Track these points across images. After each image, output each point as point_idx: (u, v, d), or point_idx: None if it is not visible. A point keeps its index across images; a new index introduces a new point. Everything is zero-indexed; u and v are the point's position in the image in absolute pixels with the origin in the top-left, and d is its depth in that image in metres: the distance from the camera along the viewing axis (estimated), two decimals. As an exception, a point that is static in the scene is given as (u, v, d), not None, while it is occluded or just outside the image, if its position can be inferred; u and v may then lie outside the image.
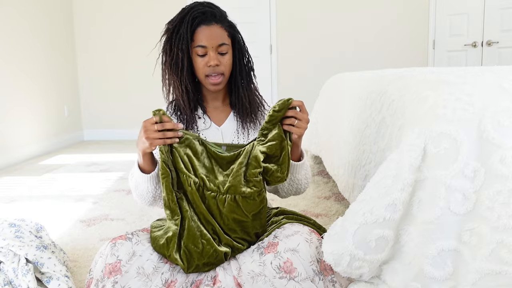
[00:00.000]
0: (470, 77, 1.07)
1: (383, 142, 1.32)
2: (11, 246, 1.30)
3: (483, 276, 0.92)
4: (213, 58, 1.19)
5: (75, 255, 1.68)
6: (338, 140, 2.00)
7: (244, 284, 1.04)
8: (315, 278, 1.04)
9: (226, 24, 1.22)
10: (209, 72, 1.21)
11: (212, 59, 1.19)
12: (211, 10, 1.20)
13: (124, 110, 5.06)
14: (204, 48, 1.19)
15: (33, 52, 4.14)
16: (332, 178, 2.68)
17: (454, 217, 0.96)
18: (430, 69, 1.55)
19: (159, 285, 1.05)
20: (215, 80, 1.22)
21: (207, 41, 1.18)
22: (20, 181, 3.07)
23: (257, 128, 1.31)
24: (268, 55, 4.88)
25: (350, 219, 1.03)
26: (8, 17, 3.75)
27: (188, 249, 1.09)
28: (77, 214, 2.24)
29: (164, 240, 1.10)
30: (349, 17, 4.74)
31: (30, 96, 4.06)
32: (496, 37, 4.21)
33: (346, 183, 1.76)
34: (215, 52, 1.20)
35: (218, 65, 1.20)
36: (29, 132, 4.03)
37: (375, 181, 1.03)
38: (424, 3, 4.62)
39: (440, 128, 0.98)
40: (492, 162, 0.92)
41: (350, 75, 2.34)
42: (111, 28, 4.92)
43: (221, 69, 1.22)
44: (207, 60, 1.20)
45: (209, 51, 1.19)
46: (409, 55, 4.72)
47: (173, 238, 1.09)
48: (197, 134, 1.19)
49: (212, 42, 1.19)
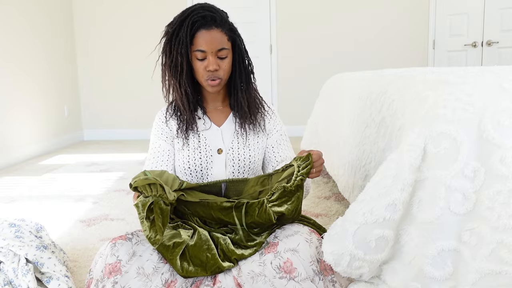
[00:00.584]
0: (470, 77, 1.07)
1: (383, 142, 1.32)
2: (11, 246, 1.30)
3: (483, 276, 0.92)
4: (212, 63, 1.19)
5: (75, 255, 1.68)
6: (338, 140, 2.00)
7: (244, 284, 1.04)
8: (315, 278, 1.04)
9: (227, 28, 1.21)
10: (208, 76, 1.21)
11: (211, 63, 1.19)
12: (211, 14, 1.18)
13: (124, 110, 5.06)
14: (203, 53, 1.19)
15: (33, 52, 4.14)
16: (332, 178, 2.68)
17: (454, 217, 0.96)
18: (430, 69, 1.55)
19: (159, 285, 1.05)
20: (212, 83, 1.22)
21: (206, 46, 1.18)
22: (20, 181, 3.07)
23: (257, 129, 1.31)
24: (268, 55, 4.88)
25: (350, 219, 1.03)
26: (8, 16, 3.74)
27: (192, 260, 1.08)
28: (77, 214, 2.24)
29: (172, 243, 1.10)
30: (349, 17, 4.74)
31: (30, 96, 4.06)
32: (496, 37, 4.21)
33: (346, 183, 1.76)
34: (215, 56, 1.19)
35: (217, 70, 1.20)
36: (29, 132, 4.02)
37: (375, 181, 1.03)
38: (424, 3, 4.62)
39: (440, 128, 0.98)
40: (492, 162, 0.92)
41: (350, 75, 2.34)
42: (111, 28, 4.92)
43: (220, 74, 1.21)
44: (206, 64, 1.20)
45: (208, 55, 1.19)
46: (409, 55, 4.72)
47: (181, 245, 1.09)
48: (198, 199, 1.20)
49: (212, 47, 1.18)
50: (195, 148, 1.27)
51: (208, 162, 1.27)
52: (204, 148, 1.27)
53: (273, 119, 1.37)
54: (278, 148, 1.35)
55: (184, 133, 1.28)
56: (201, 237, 1.12)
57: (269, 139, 1.35)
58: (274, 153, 1.34)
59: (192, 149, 1.27)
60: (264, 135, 1.33)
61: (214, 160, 1.27)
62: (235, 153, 1.28)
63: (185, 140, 1.28)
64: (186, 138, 1.28)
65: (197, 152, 1.27)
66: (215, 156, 1.27)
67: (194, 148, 1.27)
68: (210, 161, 1.27)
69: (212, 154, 1.28)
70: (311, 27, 4.79)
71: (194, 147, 1.27)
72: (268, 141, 1.35)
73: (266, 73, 4.89)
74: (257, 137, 1.32)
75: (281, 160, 1.34)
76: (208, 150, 1.27)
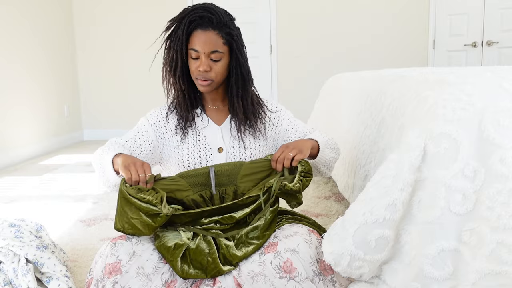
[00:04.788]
0: (470, 77, 1.07)
1: (383, 142, 1.32)
2: (11, 246, 1.30)
3: (483, 276, 0.92)
4: (203, 64, 1.19)
5: (75, 255, 1.68)
6: (338, 140, 2.00)
7: (244, 284, 1.04)
8: (315, 278, 1.04)
9: (224, 31, 1.19)
10: (199, 76, 1.21)
11: (202, 64, 1.19)
12: (209, 15, 1.18)
13: (124, 110, 5.05)
14: (197, 52, 1.19)
15: (34, 52, 4.13)
16: (332, 178, 2.68)
17: (454, 217, 0.96)
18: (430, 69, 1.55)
19: (159, 285, 1.05)
20: (202, 83, 1.22)
21: (200, 46, 1.18)
22: (20, 181, 3.07)
23: (256, 134, 1.30)
24: (268, 55, 4.87)
25: (350, 219, 1.03)
26: (9, 16, 3.74)
27: (192, 263, 1.08)
28: (77, 214, 2.24)
29: (173, 244, 1.10)
30: (349, 17, 4.74)
31: (30, 96, 4.06)
32: (496, 37, 4.21)
33: (346, 183, 1.76)
34: (207, 58, 1.19)
35: (208, 71, 1.20)
36: (29, 132, 4.02)
37: (375, 181, 1.03)
38: (424, 3, 4.62)
39: (440, 128, 0.98)
40: (492, 162, 0.92)
41: (350, 75, 2.34)
42: (111, 28, 4.92)
43: (211, 76, 1.21)
44: (198, 64, 1.20)
45: (201, 55, 1.19)
46: (409, 55, 4.72)
47: (182, 247, 1.09)
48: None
49: (205, 48, 1.18)
50: (194, 146, 1.27)
51: (208, 161, 1.27)
52: (203, 146, 1.27)
53: (273, 117, 1.36)
54: (293, 131, 1.37)
55: (182, 129, 1.28)
56: (203, 240, 1.12)
57: (280, 132, 1.36)
58: (291, 138, 1.36)
59: (192, 147, 1.27)
60: (264, 139, 1.33)
61: (214, 159, 1.27)
62: (236, 152, 1.28)
63: (183, 136, 1.28)
64: (184, 135, 1.28)
65: (196, 150, 1.27)
66: (215, 155, 1.27)
67: (193, 145, 1.27)
68: (210, 160, 1.27)
69: (212, 153, 1.27)
70: (311, 27, 4.79)
71: (193, 145, 1.27)
72: (280, 134, 1.36)
73: (266, 73, 4.89)
74: (258, 141, 1.31)
75: (304, 136, 1.37)
76: (208, 149, 1.27)
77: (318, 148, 1.30)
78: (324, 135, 1.36)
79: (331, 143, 1.35)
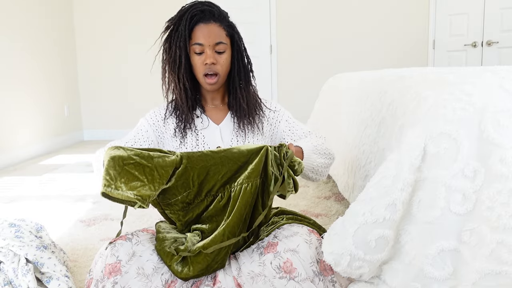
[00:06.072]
0: (470, 77, 1.07)
1: (383, 142, 1.32)
2: (11, 246, 1.30)
3: (483, 276, 0.92)
4: (209, 56, 1.19)
5: (75, 255, 1.68)
6: (338, 140, 2.00)
7: (244, 285, 1.04)
8: (315, 279, 1.04)
9: (225, 23, 1.22)
10: (206, 70, 1.21)
11: (208, 57, 1.19)
12: (209, 8, 1.21)
13: (124, 110, 5.06)
14: (201, 46, 1.20)
15: (33, 52, 4.13)
16: (332, 178, 2.68)
17: (454, 217, 0.96)
18: (430, 69, 1.55)
19: (159, 285, 1.05)
20: (211, 80, 1.23)
21: (204, 39, 1.19)
22: (20, 181, 3.07)
23: (255, 129, 1.30)
24: (268, 55, 4.87)
25: (350, 219, 1.03)
26: (9, 16, 3.74)
27: (193, 266, 1.07)
28: (77, 214, 2.24)
29: (173, 249, 1.08)
30: (349, 17, 4.74)
31: (30, 96, 4.06)
32: (496, 37, 4.21)
33: (346, 183, 1.76)
34: (212, 50, 1.20)
35: (214, 64, 1.21)
36: (29, 132, 4.02)
37: (375, 181, 1.03)
38: (424, 3, 4.62)
39: (440, 128, 0.98)
40: (492, 162, 0.92)
41: (350, 75, 2.34)
42: (111, 28, 4.92)
43: (217, 68, 1.22)
44: (204, 58, 1.20)
45: (206, 49, 1.20)
46: (409, 55, 4.72)
47: (182, 252, 1.07)
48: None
49: (209, 40, 1.19)
50: (193, 147, 1.27)
51: (207, 160, 1.26)
52: (202, 146, 1.27)
53: (271, 117, 1.35)
54: (290, 133, 1.34)
55: (182, 131, 1.28)
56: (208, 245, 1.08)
57: (277, 132, 1.35)
58: (287, 140, 1.35)
59: (191, 147, 1.27)
60: (263, 137, 1.33)
61: None
62: (234, 152, 1.28)
63: (182, 139, 1.28)
64: (183, 137, 1.28)
65: (195, 150, 1.27)
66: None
67: (192, 146, 1.27)
68: None
69: (211, 152, 1.27)
70: (311, 27, 4.79)
71: (192, 146, 1.27)
72: (277, 134, 1.35)
73: (266, 73, 4.89)
74: (256, 139, 1.31)
75: (299, 139, 1.34)
76: (206, 149, 1.27)
77: (302, 154, 1.22)
78: (316, 140, 1.29)
79: (321, 148, 1.27)
